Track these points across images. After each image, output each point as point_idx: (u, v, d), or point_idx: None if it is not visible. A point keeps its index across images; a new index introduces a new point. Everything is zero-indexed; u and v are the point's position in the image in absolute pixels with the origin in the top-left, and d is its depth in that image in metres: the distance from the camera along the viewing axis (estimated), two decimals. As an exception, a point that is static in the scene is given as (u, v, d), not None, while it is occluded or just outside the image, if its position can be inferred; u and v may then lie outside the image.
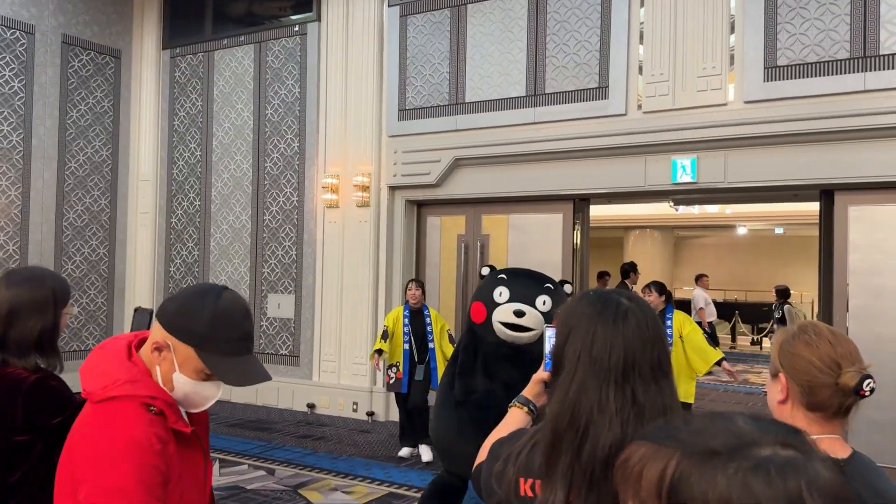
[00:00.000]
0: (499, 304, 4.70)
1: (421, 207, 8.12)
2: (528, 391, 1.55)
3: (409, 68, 7.81)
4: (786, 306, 11.85)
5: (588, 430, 1.17)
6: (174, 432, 1.50)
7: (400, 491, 5.40)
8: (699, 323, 10.67)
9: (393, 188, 7.93)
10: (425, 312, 6.31)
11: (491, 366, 4.71)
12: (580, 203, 7.30)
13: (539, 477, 1.22)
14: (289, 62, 8.60)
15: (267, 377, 1.61)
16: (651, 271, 16.41)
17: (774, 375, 1.52)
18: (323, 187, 8.06)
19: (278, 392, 8.40)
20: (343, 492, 5.37)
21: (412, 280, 6.63)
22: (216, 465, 5.94)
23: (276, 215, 8.62)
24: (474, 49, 7.44)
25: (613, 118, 6.67)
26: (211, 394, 1.58)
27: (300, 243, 8.42)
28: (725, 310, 17.19)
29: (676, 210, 14.85)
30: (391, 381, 6.33)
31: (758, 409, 8.96)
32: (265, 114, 8.75)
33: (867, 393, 1.41)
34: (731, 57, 6.21)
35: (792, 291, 18.02)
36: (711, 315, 12.42)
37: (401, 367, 6.20)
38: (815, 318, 9.36)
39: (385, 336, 6.21)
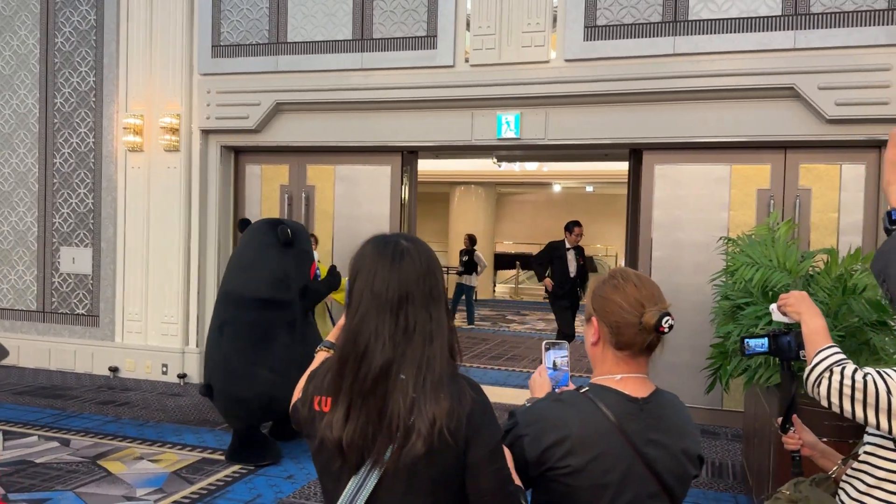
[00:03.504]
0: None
1: (239, 154, 7.58)
2: (332, 335, 1.70)
3: (223, 0, 7.16)
4: (475, 254, 12.53)
5: (366, 353, 1.36)
6: None
7: (214, 456, 5.06)
8: None
9: (206, 132, 7.31)
10: None
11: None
12: (408, 156, 7.19)
13: (329, 394, 1.41)
14: (82, -16, 7.55)
15: None
16: (475, 226, 16.90)
17: (588, 320, 1.65)
18: (124, 128, 7.23)
19: (75, 355, 7.58)
20: (150, 460, 4.93)
21: None
22: (-2, 439, 5.23)
23: (68, 158, 7.64)
24: (297, -15, 6.95)
25: (441, 69, 6.56)
26: None
27: (98, 190, 7.55)
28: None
29: (499, 167, 15.28)
30: None
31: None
32: (55, 42, 7.66)
33: (666, 329, 1.53)
34: (555, 15, 6.31)
35: (598, 245, 19.53)
36: None
37: None
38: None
39: None
